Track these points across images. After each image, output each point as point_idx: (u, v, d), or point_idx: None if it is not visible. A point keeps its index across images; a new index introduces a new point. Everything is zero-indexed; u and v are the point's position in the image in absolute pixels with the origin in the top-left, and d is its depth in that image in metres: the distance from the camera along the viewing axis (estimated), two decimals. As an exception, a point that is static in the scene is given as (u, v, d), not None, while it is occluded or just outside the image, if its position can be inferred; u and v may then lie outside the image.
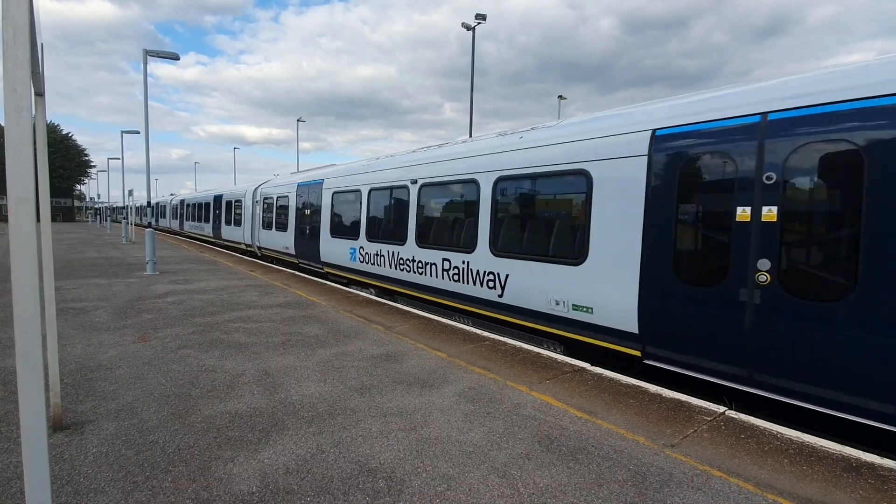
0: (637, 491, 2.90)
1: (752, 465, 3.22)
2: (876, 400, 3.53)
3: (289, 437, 3.49)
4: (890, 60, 3.68)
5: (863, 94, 3.64)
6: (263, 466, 3.09)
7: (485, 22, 22.48)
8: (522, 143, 6.55)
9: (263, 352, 5.58)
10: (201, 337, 6.18)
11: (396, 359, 5.44)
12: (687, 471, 3.14)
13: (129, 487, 2.84)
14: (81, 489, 2.82)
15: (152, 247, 12.48)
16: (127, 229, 25.23)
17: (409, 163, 8.95)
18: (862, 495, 2.88)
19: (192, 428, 3.61)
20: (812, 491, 2.93)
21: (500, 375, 4.94)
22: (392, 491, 2.85)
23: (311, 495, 2.79)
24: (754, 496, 2.87)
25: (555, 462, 3.22)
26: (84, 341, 5.87)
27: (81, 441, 3.38)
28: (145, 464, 3.10)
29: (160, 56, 13.09)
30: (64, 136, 65.18)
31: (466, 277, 7.24)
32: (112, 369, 4.87)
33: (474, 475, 3.04)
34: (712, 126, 4.49)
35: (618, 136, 5.29)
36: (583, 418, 3.94)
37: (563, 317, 5.83)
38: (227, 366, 5.06)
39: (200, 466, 3.08)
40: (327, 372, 4.94)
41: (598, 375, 5.00)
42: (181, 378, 4.66)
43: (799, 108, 3.97)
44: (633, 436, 3.64)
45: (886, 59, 3.73)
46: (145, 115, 12.90)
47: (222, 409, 3.97)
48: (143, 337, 6.10)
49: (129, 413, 3.85)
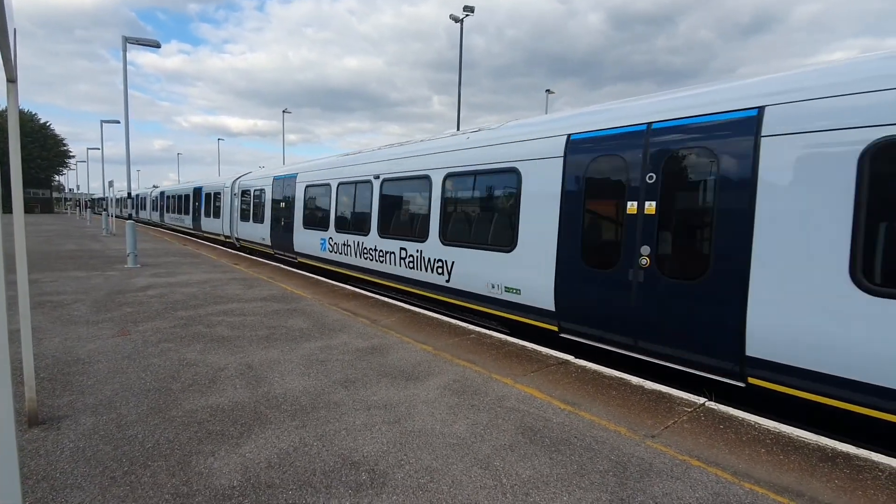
0: (618, 481, 2.93)
1: (730, 455, 3.28)
2: (721, 359, 4.32)
3: (271, 431, 3.46)
4: (745, 84, 4.40)
5: (718, 108, 4.39)
6: (245, 460, 3.06)
7: (473, 14, 22.35)
8: (468, 143, 7.27)
9: (247, 345, 5.52)
10: (183, 330, 6.09)
11: (381, 352, 5.42)
12: (667, 461, 3.19)
13: (106, 483, 2.79)
14: (57, 485, 2.76)
15: (133, 239, 12.24)
16: (107, 221, 24.71)
17: (373, 159, 9.65)
18: (837, 484, 2.95)
19: (173, 422, 3.56)
20: (788, 480, 3.00)
21: (485, 368, 4.96)
22: (375, 483, 2.84)
23: (293, 489, 2.77)
24: (731, 485, 2.92)
25: (538, 453, 3.24)
26: (61, 335, 5.74)
27: (57, 436, 3.31)
28: (123, 459, 3.04)
29: (140, 43, 12.75)
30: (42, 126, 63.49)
31: (420, 265, 7.97)
32: (90, 363, 4.77)
33: (458, 467, 3.04)
34: (612, 133, 5.24)
35: (542, 140, 6.03)
36: (566, 410, 3.97)
37: (497, 298, 6.55)
38: (209, 359, 4.99)
39: (180, 461, 3.03)
40: (311, 365, 4.90)
41: (581, 368, 5.05)
42: (162, 372, 4.59)
43: (673, 120, 4.71)
44: (614, 427, 3.68)
45: (743, 82, 4.46)
46: (125, 105, 12.59)
47: (204, 403, 3.92)
48: (122, 330, 5.99)
49: (108, 408, 3.78)
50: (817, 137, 3.74)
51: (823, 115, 3.73)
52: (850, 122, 3.57)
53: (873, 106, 3.47)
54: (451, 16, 22.72)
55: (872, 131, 3.45)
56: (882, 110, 3.42)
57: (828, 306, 3.64)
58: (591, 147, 5.40)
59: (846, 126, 3.59)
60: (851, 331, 3.52)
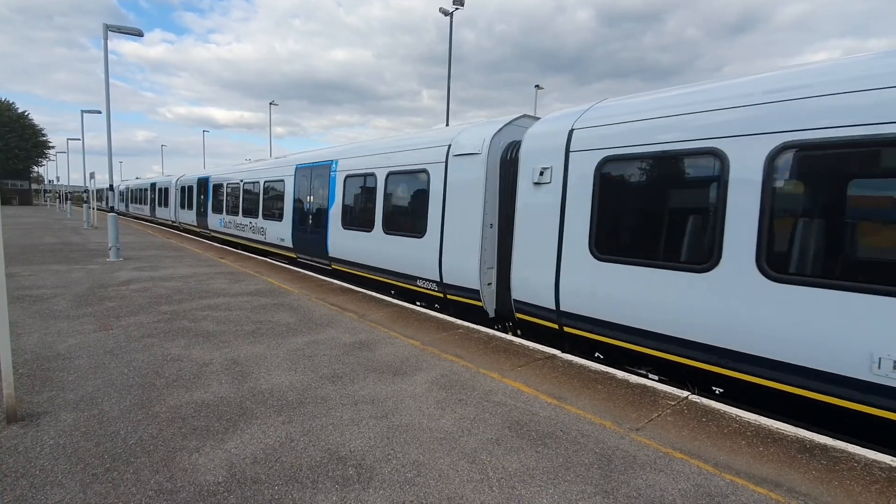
0: (602, 473, 2.97)
1: (712, 447, 3.35)
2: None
3: (257, 427, 3.43)
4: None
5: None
6: (230, 456, 3.03)
7: (462, 8, 22.24)
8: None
9: (232, 340, 5.47)
10: (167, 325, 6.00)
11: (369, 347, 5.41)
12: (650, 453, 3.24)
13: (87, 480, 2.75)
14: (37, 482, 2.71)
15: (115, 232, 12.01)
16: (88, 213, 24.21)
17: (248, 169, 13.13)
18: (814, 475, 3.03)
19: (156, 418, 3.51)
20: (767, 471, 3.07)
21: (472, 363, 4.97)
22: (362, 478, 2.84)
23: (279, 484, 2.76)
24: (713, 476, 2.98)
25: (524, 447, 3.27)
26: (41, 330, 5.62)
27: (37, 433, 3.24)
28: (105, 455, 3.00)
29: (122, 31, 12.45)
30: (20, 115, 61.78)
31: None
32: (71, 359, 4.68)
33: (444, 461, 3.06)
34: (305, 166, 8.39)
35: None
36: (552, 404, 4.01)
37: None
38: (193, 355, 4.93)
39: (164, 457, 3.00)
40: (298, 360, 4.87)
41: (568, 362, 5.09)
42: (145, 367, 4.52)
43: (302, 164, 8.74)
44: (600, 420, 3.72)
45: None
46: (106, 94, 12.31)
47: (188, 398, 3.87)
48: (104, 325, 5.89)
49: (89, 404, 3.72)
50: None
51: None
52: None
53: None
54: (441, 9, 22.56)
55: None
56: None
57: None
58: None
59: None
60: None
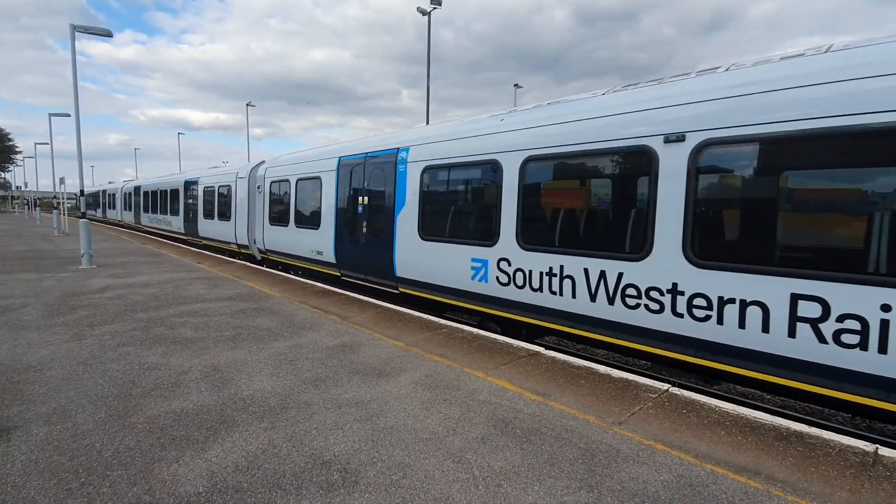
0: (587, 468, 3.00)
1: (692, 438, 3.41)
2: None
3: (238, 434, 3.37)
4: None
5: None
6: (211, 465, 2.97)
7: (440, 7, 22.22)
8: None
9: (212, 347, 5.36)
10: (143, 333, 5.85)
11: (353, 349, 5.37)
12: (633, 446, 3.28)
13: (62, 495, 2.65)
14: (8, 500, 2.61)
15: (87, 238, 11.67)
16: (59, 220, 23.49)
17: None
18: (791, 462, 3.11)
19: (133, 429, 3.42)
20: (746, 459, 3.14)
21: (456, 362, 4.97)
22: (347, 482, 2.81)
23: (262, 492, 2.71)
24: (694, 467, 3.03)
25: (509, 445, 3.28)
26: (10, 341, 5.42)
27: (7, 448, 3.13)
28: (80, 469, 2.90)
29: (90, 32, 12.10)
30: (-17, 119, 59.59)
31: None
32: (42, 370, 4.53)
33: (430, 462, 3.05)
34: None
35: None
36: (536, 401, 4.03)
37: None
38: (171, 363, 4.82)
39: (142, 469, 2.92)
40: (280, 365, 4.80)
41: (551, 359, 5.13)
42: (121, 377, 4.40)
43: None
44: (583, 415, 3.76)
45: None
46: (75, 97, 11.94)
47: (166, 408, 3.78)
48: (77, 335, 5.71)
49: (62, 416, 3.60)
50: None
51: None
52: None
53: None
54: (419, 8, 22.51)
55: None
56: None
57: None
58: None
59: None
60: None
